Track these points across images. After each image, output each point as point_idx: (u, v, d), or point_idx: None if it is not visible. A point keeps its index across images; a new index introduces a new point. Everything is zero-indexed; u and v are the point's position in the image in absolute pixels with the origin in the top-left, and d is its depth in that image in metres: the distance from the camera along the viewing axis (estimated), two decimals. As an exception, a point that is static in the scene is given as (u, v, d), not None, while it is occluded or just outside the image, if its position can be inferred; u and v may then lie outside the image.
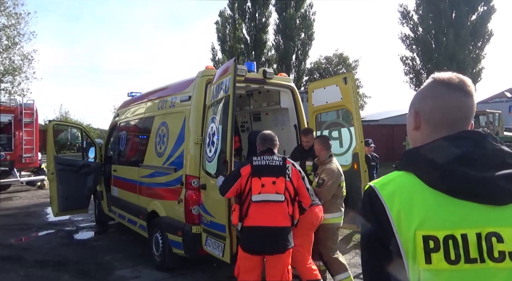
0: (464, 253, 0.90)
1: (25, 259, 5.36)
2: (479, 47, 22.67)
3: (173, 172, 4.59)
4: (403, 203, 0.94)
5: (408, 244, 0.92)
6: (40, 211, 8.96)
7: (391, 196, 0.96)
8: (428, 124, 1.07)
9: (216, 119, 3.89)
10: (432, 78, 1.10)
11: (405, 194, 0.96)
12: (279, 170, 3.18)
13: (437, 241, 0.90)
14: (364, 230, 1.01)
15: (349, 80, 4.49)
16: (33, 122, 11.59)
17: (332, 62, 34.47)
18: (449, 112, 1.04)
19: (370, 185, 1.02)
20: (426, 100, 1.07)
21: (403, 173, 1.01)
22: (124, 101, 7.19)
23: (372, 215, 0.98)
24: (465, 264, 0.89)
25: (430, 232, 0.91)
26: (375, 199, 0.98)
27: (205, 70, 4.57)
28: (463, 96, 1.04)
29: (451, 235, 0.90)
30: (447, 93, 1.04)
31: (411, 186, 0.97)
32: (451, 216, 0.92)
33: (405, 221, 0.93)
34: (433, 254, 0.90)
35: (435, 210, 0.92)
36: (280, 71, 21.66)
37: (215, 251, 3.75)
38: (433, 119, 1.06)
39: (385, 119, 27.16)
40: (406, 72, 24.52)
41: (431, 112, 1.06)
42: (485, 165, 0.93)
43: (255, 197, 3.08)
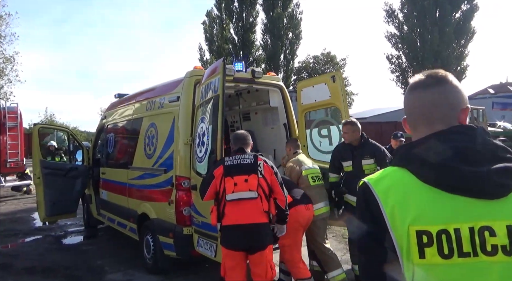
0: (457, 248, 0.90)
1: (13, 266, 5.25)
2: (462, 45, 23.12)
3: (163, 173, 4.55)
4: (397, 199, 0.95)
5: (402, 240, 0.93)
6: (26, 216, 8.78)
7: (385, 191, 0.97)
8: (410, 126, 1.13)
9: (205, 119, 3.87)
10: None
11: (400, 189, 0.97)
12: (251, 167, 3.19)
13: (430, 236, 0.91)
14: (359, 227, 1.01)
15: (337, 79, 4.51)
16: (17, 126, 11.34)
17: (320, 61, 34.68)
18: (413, 111, 1.10)
19: (364, 181, 1.03)
20: (404, 107, 1.15)
21: (397, 169, 1.02)
22: (111, 103, 7.09)
23: (366, 211, 0.99)
24: (458, 258, 0.90)
25: (424, 227, 0.91)
26: (369, 194, 0.99)
27: (194, 70, 4.54)
28: (421, 91, 1.07)
29: (444, 229, 0.91)
30: (409, 93, 1.11)
31: (405, 181, 0.98)
32: (445, 211, 0.92)
33: (399, 217, 0.93)
34: (426, 249, 0.91)
35: (429, 206, 0.93)
36: (269, 70, 21.69)
37: (207, 252, 3.73)
38: (409, 120, 1.13)
39: (373, 117, 27.43)
40: (393, 70, 24.86)
41: (407, 115, 1.13)
42: (477, 160, 0.94)
43: (229, 196, 3.10)
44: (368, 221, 0.98)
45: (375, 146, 4.10)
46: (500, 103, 29.16)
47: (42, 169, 6.32)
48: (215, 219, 3.17)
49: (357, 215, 1.03)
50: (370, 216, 0.97)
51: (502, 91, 37.06)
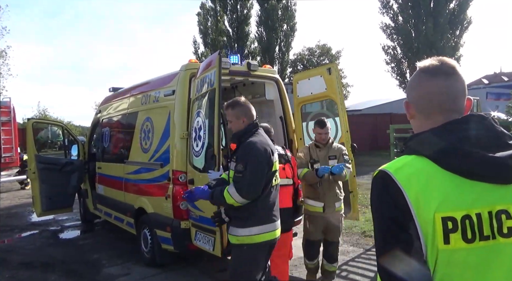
0: (479, 231, 0.95)
1: (9, 261, 5.24)
2: (457, 35, 23.10)
3: (159, 167, 4.54)
4: (421, 187, 0.97)
5: (427, 227, 0.95)
6: (22, 211, 8.75)
7: (407, 180, 0.98)
8: (419, 112, 1.12)
9: (201, 113, 3.85)
10: (417, 67, 1.14)
11: (422, 177, 0.98)
12: (284, 157, 3.74)
13: (455, 221, 0.94)
14: (381, 215, 1.01)
15: (333, 71, 4.50)
16: (11, 121, 11.25)
17: (315, 53, 34.55)
18: (432, 98, 1.08)
19: (383, 170, 1.03)
20: (412, 90, 1.13)
21: (415, 157, 1.03)
22: (106, 97, 7.03)
23: (389, 200, 0.99)
24: (480, 242, 0.95)
25: (449, 213, 0.95)
26: (391, 183, 0.99)
27: (189, 64, 4.51)
28: (444, 79, 1.07)
29: (467, 215, 0.95)
30: (428, 80, 1.09)
31: (426, 169, 0.99)
32: (467, 196, 0.96)
33: (423, 204, 0.96)
34: (451, 235, 0.94)
35: (452, 192, 0.96)
36: (264, 63, 21.60)
37: (205, 246, 3.75)
38: (422, 107, 1.11)
39: (369, 109, 27.47)
40: (388, 62, 24.80)
41: (418, 101, 1.11)
42: (492, 146, 0.98)
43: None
44: (392, 210, 0.98)
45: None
46: (494, 93, 29.30)
47: (37, 164, 6.29)
48: None
49: (377, 204, 1.03)
50: (393, 205, 0.98)
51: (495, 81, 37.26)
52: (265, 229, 2.62)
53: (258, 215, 2.63)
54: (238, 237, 2.63)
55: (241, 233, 2.62)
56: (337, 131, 4.63)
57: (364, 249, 5.18)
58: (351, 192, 4.38)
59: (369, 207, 7.43)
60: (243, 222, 2.62)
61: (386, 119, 21.21)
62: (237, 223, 2.66)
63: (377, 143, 20.30)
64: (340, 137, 4.53)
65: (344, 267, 4.54)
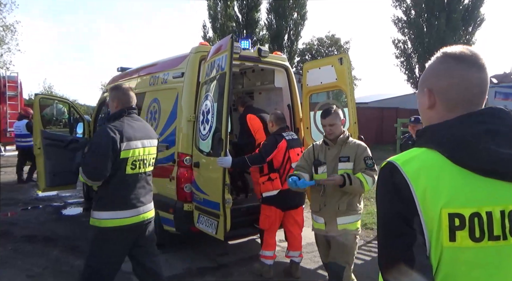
0: (488, 231, 0.91)
1: (12, 234, 5.32)
2: (469, 32, 22.75)
3: (164, 149, 4.54)
4: (429, 181, 0.93)
5: (433, 222, 0.91)
6: (26, 186, 8.83)
7: (415, 173, 0.94)
8: (444, 102, 1.04)
9: (210, 97, 3.83)
10: (442, 53, 1.06)
11: (432, 172, 0.94)
12: (299, 142, 4.12)
13: (463, 219, 0.90)
14: (386, 208, 0.99)
15: (344, 61, 4.44)
16: (17, 96, 11.28)
17: (324, 44, 34.20)
18: (465, 90, 1.01)
19: (391, 161, 0.99)
20: (440, 78, 1.04)
21: (426, 150, 0.99)
22: (114, 77, 7.01)
23: (394, 193, 0.96)
24: (489, 242, 0.91)
25: (457, 210, 0.90)
26: (398, 176, 0.96)
27: (199, 46, 4.47)
28: (478, 71, 1.01)
29: (477, 212, 0.90)
30: (462, 69, 1.01)
31: (437, 163, 0.95)
32: (478, 194, 0.92)
33: (430, 199, 0.92)
34: (458, 232, 0.90)
35: (462, 188, 0.92)
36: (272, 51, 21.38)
37: (208, 229, 3.77)
38: (449, 97, 1.03)
39: (375, 102, 27.30)
40: (398, 56, 24.51)
41: (447, 91, 1.03)
42: (510, 142, 0.92)
43: (294, 164, 3.58)
44: (396, 203, 0.95)
45: None
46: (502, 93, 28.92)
47: (43, 139, 6.30)
48: (279, 184, 3.77)
49: (382, 197, 1.00)
50: (398, 198, 0.95)
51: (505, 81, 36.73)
52: (117, 215, 2.67)
53: (109, 201, 2.69)
54: (92, 219, 2.74)
55: (93, 215, 2.73)
56: (344, 122, 4.59)
57: (365, 241, 5.21)
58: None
59: (371, 200, 7.46)
60: (95, 205, 2.73)
61: (392, 113, 21.08)
62: (93, 205, 2.77)
63: (382, 137, 20.23)
64: (347, 129, 4.49)
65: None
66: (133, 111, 2.88)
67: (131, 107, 2.87)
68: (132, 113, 2.86)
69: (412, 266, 0.90)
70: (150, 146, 2.90)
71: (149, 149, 2.88)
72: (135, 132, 2.76)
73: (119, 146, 2.65)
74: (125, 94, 2.87)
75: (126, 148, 2.69)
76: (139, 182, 2.81)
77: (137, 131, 2.79)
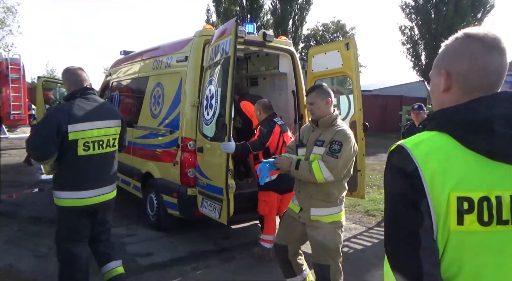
0: (497, 215, 0.90)
1: (18, 215, 5.39)
2: (478, 18, 22.35)
3: (168, 134, 4.54)
4: (439, 164, 0.92)
5: (440, 206, 0.91)
6: (31, 169, 8.90)
7: (424, 156, 0.94)
8: (461, 85, 1.01)
9: (214, 81, 3.80)
10: (464, 34, 1.02)
11: (441, 155, 0.93)
12: (287, 127, 4.17)
13: (472, 202, 0.90)
14: (394, 191, 0.98)
15: (351, 46, 4.39)
16: (20, 78, 11.23)
17: (329, 29, 33.73)
18: (486, 74, 0.99)
19: (401, 144, 0.99)
20: (461, 60, 1.00)
21: (436, 134, 0.98)
22: (117, 60, 6.96)
23: (403, 175, 0.95)
24: (497, 226, 0.90)
25: (466, 194, 0.90)
26: (407, 159, 0.95)
27: (203, 30, 4.41)
28: (500, 56, 0.99)
29: (486, 196, 0.90)
30: (485, 53, 0.98)
31: (446, 147, 0.94)
32: (488, 177, 0.91)
33: (439, 183, 0.91)
34: (466, 216, 0.90)
35: (473, 172, 0.91)
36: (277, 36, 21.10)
37: (211, 213, 3.80)
38: (468, 81, 1.00)
39: (379, 90, 27.08)
40: (404, 42, 24.18)
41: (467, 74, 1.00)
42: None
43: None
44: (405, 186, 0.95)
45: None
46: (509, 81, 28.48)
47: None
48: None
49: (390, 179, 1.00)
50: (407, 181, 0.94)
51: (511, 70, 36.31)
52: (73, 196, 2.72)
53: (64, 181, 2.75)
54: (54, 198, 2.81)
55: (53, 194, 2.80)
56: (349, 109, 4.57)
57: (367, 227, 5.25)
58: (359, 170, 4.37)
59: (373, 187, 7.48)
60: (54, 185, 2.82)
61: (396, 101, 20.96)
62: (53, 185, 2.85)
63: (386, 125, 20.16)
64: (352, 115, 4.47)
65: (345, 243, 4.60)
66: (88, 91, 2.81)
67: (84, 88, 2.81)
68: (88, 94, 2.80)
69: (418, 249, 0.90)
70: (108, 127, 2.83)
71: (106, 130, 2.81)
72: (86, 114, 2.70)
73: (66, 128, 2.61)
74: (74, 74, 2.82)
75: (74, 130, 2.64)
76: (95, 163, 2.78)
77: (90, 112, 2.72)
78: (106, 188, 2.88)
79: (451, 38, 1.06)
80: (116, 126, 2.92)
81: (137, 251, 4.21)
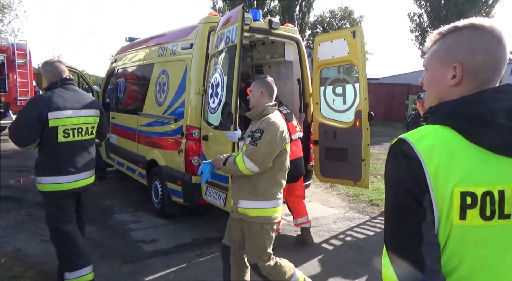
0: (499, 209, 0.90)
1: (25, 200, 5.47)
2: (489, 4, 21.86)
3: (173, 122, 4.54)
4: (443, 159, 0.91)
5: (444, 201, 0.90)
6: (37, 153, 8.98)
7: (428, 150, 0.92)
8: (474, 80, 0.99)
9: (219, 69, 3.77)
10: (472, 25, 0.99)
11: (446, 149, 0.92)
12: (292, 115, 4.17)
13: (475, 197, 0.89)
14: (396, 185, 0.97)
15: (357, 34, 4.31)
16: (27, 64, 11.23)
17: (337, 16, 33.20)
18: (497, 68, 0.98)
19: (403, 138, 0.97)
20: (476, 54, 0.97)
21: (440, 127, 0.96)
22: (122, 47, 6.93)
23: (406, 170, 0.94)
24: (499, 220, 0.90)
25: (469, 189, 0.89)
26: (410, 153, 0.93)
27: (208, 17, 4.36)
28: (505, 49, 0.98)
29: (489, 191, 0.89)
30: (497, 46, 0.97)
31: (451, 141, 0.93)
32: (491, 172, 0.90)
33: (443, 177, 0.90)
34: (469, 211, 0.90)
35: (476, 166, 0.90)
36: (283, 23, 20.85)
37: (216, 201, 3.83)
38: (482, 75, 0.98)
39: (386, 78, 26.78)
40: (413, 30, 23.79)
41: (481, 68, 0.98)
42: None
43: (294, 136, 3.97)
44: (407, 180, 0.93)
45: None
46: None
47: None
48: None
49: (392, 173, 0.98)
50: (410, 175, 0.93)
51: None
52: (54, 181, 2.88)
53: (46, 167, 2.89)
54: (36, 184, 2.96)
55: (36, 180, 2.94)
56: (355, 98, 4.52)
57: (370, 217, 5.26)
58: (363, 160, 4.35)
59: (378, 177, 7.48)
60: (36, 171, 2.95)
61: (403, 90, 20.71)
62: (35, 170, 2.98)
63: (392, 114, 20.00)
64: (358, 104, 4.43)
65: (349, 233, 4.64)
66: (67, 82, 3.00)
67: (64, 78, 2.99)
68: (67, 84, 2.99)
69: (420, 244, 0.90)
70: (87, 115, 3.01)
71: (85, 118, 2.99)
72: (65, 102, 2.87)
73: (46, 116, 2.76)
74: (54, 66, 3.01)
75: (54, 117, 2.80)
76: (75, 149, 2.95)
77: (69, 101, 2.90)
78: (85, 173, 3.04)
79: (450, 28, 1.01)
80: (95, 115, 3.10)
81: (142, 238, 4.27)
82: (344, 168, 4.51)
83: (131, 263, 3.63)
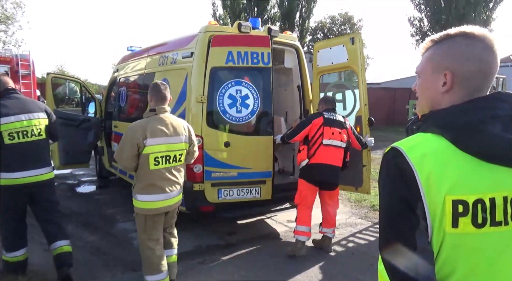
0: (491, 217, 0.91)
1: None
2: (490, 8, 21.87)
3: (174, 130, 4.57)
4: (434, 167, 0.92)
5: (436, 209, 0.91)
6: None
7: (420, 159, 0.93)
8: (465, 87, 1.00)
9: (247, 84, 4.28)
10: (463, 33, 1.00)
11: (437, 158, 0.93)
12: (342, 124, 4.13)
13: (467, 205, 0.90)
14: (389, 194, 0.98)
15: (356, 41, 4.36)
16: (30, 74, 11.31)
17: (337, 22, 33.34)
18: (489, 76, 0.99)
19: (395, 147, 0.98)
20: (469, 62, 0.98)
21: (432, 136, 0.98)
22: (123, 56, 7.01)
23: (398, 178, 0.95)
24: (491, 227, 0.91)
25: (461, 197, 0.90)
26: (403, 162, 0.94)
27: (208, 26, 4.41)
28: (497, 57, 0.99)
29: (480, 199, 0.90)
30: (488, 54, 0.98)
31: (442, 149, 0.94)
32: (483, 180, 0.91)
33: (435, 186, 0.91)
34: (461, 218, 0.90)
35: (467, 175, 0.91)
36: (283, 29, 20.98)
37: (245, 196, 4.26)
38: (473, 83, 0.99)
39: (388, 82, 26.81)
40: (413, 34, 23.81)
41: (473, 76, 0.99)
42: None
43: (326, 141, 3.99)
44: (401, 188, 0.94)
45: None
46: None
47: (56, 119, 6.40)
48: (305, 156, 4.04)
49: (386, 182, 1.00)
50: (403, 183, 0.94)
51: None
52: (6, 176, 3.24)
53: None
54: None
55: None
56: (355, 104, 4.55)
57: (372, 223, 5.25)
58: (365, 166, 4.37)
59: (380, 182, 7.46)
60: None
61: (405, 94, 20.67)
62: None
63: (394, 119, 19.98)
64: (358, 110, 4.45)
65: (351, 239, 4.63)
66: (10, 91, 3.38)
67: (6, 88, 3.39)
68: (10, 94, 3.37)
69: (414, 251, 0.91)
70: (30, 119, 3.34)
71: (29, 121, 3.33)
72: (9, 109, 3.25)
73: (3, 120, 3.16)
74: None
75: (13, 121, 3.23)
76: (21, 150, 3.29)
77: (12, 108, 3.28)
78: (35, 170, 3.36)
79: (453, 38, 1.02)
80: (40, 118, 3.43)
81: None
82: (346, 173, 4.52)
83: (133, 271, 3.64)
